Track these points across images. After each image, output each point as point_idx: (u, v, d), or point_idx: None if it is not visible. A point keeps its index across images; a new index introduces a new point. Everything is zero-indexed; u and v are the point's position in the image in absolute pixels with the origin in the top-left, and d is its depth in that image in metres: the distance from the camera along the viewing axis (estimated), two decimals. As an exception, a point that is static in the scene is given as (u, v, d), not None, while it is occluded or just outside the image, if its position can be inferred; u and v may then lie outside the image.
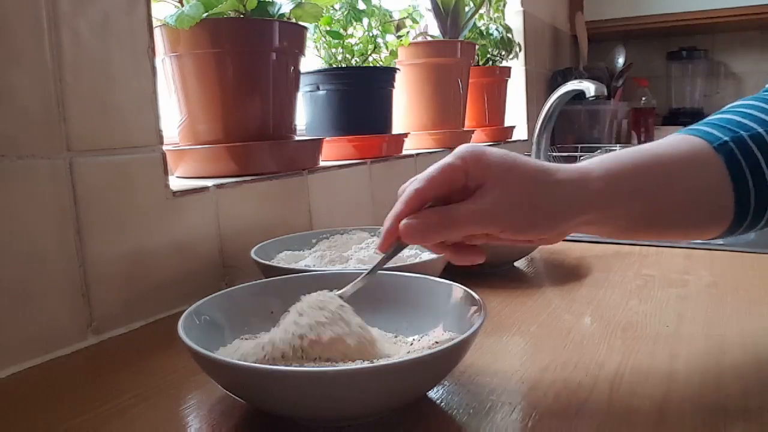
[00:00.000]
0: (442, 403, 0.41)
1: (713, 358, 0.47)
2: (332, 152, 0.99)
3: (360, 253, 0.65)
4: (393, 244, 0.43)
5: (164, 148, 0.62)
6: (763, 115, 0.44)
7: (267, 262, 0.60)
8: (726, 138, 0.43)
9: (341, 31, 1.02)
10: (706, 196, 0.44)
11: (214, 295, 0.47)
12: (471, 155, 0.42)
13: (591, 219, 0.43)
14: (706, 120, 0.47)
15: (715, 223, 0.45)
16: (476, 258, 0.44)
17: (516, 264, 0.78)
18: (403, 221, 0.41)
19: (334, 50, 1.04)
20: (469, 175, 0.42)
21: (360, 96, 1.02)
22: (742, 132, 0.43)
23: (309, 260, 0.65)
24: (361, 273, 0.46)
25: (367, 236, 0.73)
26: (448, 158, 0.43)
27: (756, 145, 0.43)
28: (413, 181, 0.43)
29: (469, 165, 0.42)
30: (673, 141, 0.46)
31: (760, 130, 0.43)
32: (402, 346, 0.45)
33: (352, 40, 1.05)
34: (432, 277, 0.51)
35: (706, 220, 0.45)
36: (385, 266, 0.46)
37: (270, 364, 0.39)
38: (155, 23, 0.63)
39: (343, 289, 0.45)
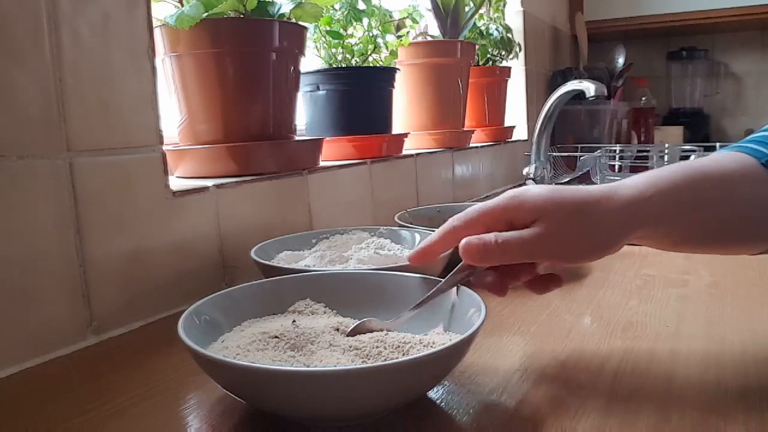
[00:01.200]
0: (442, 403, 0.41)
1: (713, 358, 0.47)
2: (332, 152, 0.99)
3: (360, 253, 0.65)
4: (418, 262, 0.48)
5: (164, 148, 0.62)
6: None
7: (267, 262, 0.60)
8: None
9: (341, 31, 1.02)
10: (755, 212, 0.44)
11: (214, 295, 0.47)
12: (512, 203, 0.44)
13: (645, 233, 0.43)
14: (750, 137, 0.48)
15: (761, 239, 0.45)
16: (553, 286, 0.47)
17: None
18: (466, 239, 0.43)
19: (334, 50, 1.04)
20: (514, 222, 0.44)
21: (360, 96, 1.02)
22: None
23: (309, 260, 0.65)
24: (356, 272, 0.46)
25: (367, 236, 0.73)
26: (492, 203, 0.45)
27: None
28: (456, 217, 0.46)
29: (510, 213, 0.44)
30: (719, 157, 0.46)
31: None
32: None
33: (352, 40, 1.05)
34: (432, 277, 0.51)
35: (752, 236, 0.45)
36: (386, 268, 0.46)
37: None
38: (155, 23, 0.63)
39: (394, 320, 0.47)
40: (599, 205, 0.42)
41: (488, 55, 1.53)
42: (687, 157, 1.36)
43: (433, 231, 0.69)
